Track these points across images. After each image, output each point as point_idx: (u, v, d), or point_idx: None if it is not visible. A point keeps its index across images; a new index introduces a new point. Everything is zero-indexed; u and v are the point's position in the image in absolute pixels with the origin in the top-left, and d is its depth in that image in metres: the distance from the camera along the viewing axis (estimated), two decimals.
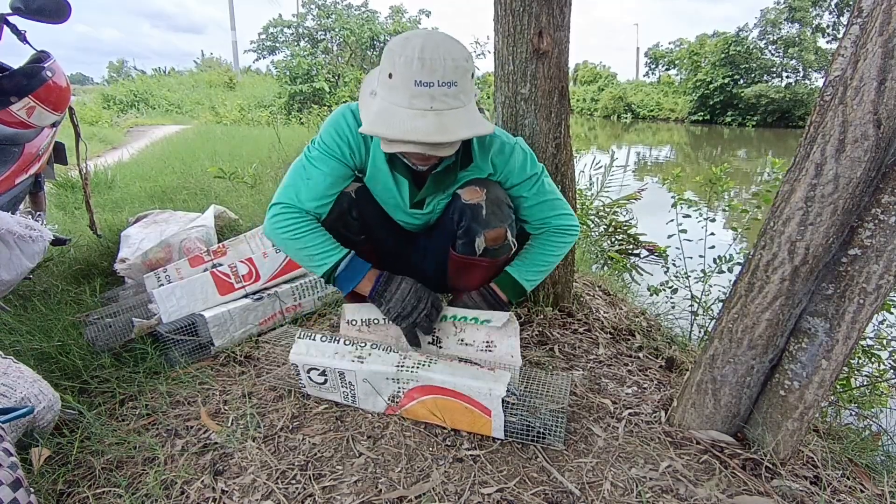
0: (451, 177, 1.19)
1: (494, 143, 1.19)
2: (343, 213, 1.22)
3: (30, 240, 1.49)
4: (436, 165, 1.14)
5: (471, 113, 1.00)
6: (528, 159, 1.21)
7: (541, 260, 1.25)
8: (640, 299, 2.32)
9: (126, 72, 25.92)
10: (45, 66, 1.72)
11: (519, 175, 1.20)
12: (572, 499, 0.92)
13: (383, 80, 0.98)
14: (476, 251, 1.20)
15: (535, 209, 1.24)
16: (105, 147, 7.37)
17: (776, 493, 0.94)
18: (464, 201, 1.17)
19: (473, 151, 1.17)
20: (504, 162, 1.19)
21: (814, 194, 0.87)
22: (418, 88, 0.93)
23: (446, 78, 0.93)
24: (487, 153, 1.19)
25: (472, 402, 1.04)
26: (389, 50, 0.96)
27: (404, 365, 1.10)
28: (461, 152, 1.15)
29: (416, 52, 0.91)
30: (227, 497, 0.91)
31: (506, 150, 1.19)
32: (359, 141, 1.16)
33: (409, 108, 0.94)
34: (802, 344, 0.97)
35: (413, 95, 0.93)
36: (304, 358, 1.14)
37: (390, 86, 0.96)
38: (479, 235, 1.18)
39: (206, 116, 12.35)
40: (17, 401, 0.98)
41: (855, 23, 0.88)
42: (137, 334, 1.40)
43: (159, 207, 2.71)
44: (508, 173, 1.20)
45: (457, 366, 1.10)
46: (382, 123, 0.96)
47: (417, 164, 1.11)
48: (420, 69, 0.91)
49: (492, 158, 1.19)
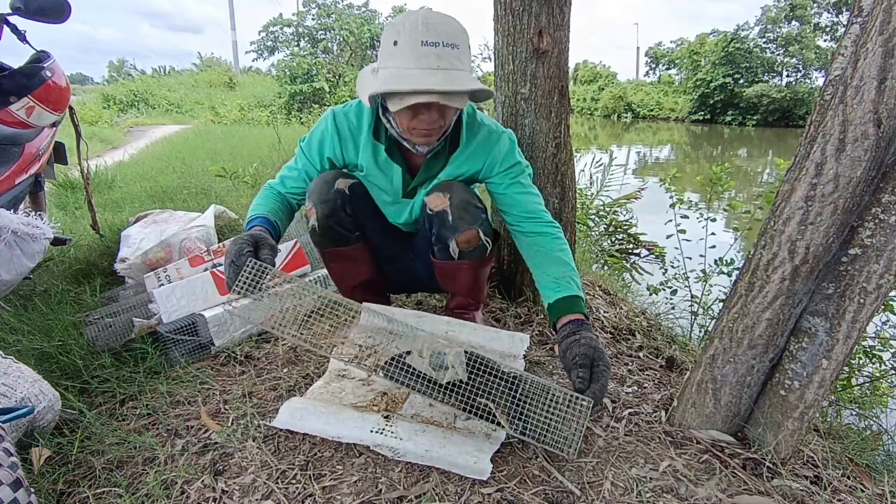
0: (441, 161, 1.21)
1: (482, 130, 1.21)
2: (336, 209, 1.23)
3: (31, 238, 1.49)
4: (430, 151, 1.18)
5: (473, 77, 1.06)
6: (514, 148, 1.23)
7: (569, 269, 1.16)
8: (640, 299, 2.32)
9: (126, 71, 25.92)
10: (44, 65, 1.72)
11: (504, 162, 1.21)
12: (572, 498, 0.92)
13: (388, 51, 1.03)
14: (452, 255, 1.23)
15: (524, 199, 1.22)
16: (105, 147, 7.37)
17: (776, 493, 0.94)
18: (429, 210, 1.20)
19: (461, 136, 1.20)
20: (490, 148, 1.21)
21: (814, 194, 0.87)
22: (425, 48, 0.98)
23: (449, 40, 1.00)
24: (474, 138, 1.21)
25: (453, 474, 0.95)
26: (391, 24, 1.04)
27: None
28: (450, 138, 1.19)
29: (420, 18, 0.99)
30: (228, 497, 0.91)
31: (493, 137, 1.21)
32: (346, 143, 1.23)
33: (418, 67, 0.99)
34: (803, 343, 0.97)
35: (420, 55, 0.98)
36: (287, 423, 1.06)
37: (397, 52, 1.01)
38: (451, 241, 1.20)
39: (206, 116, 12.35)
40: (18, 401, 0.98)
41: (855, 22, 0.88)
42: (138, 334, 1.40)
43: (159, 207, 2.71)
44: (493, 160, 1.21)
45: (438, 434, 1.01)
46: (394, 81, 1.00)
47: (420, 140, 1.12)
48: (425, 31, 0.98)
49: (477, 144, 1.21)
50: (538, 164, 1.52)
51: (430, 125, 1.07)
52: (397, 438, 1.00)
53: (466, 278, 1.30)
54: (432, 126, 1.08)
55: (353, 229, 1.28)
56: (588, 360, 1.00)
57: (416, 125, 1.08)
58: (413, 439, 1.00)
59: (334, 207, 1.22)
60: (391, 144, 1.19)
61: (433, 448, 0.98)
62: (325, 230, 1.26)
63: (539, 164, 1.52)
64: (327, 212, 1.22)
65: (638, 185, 3.96)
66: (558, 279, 1.13)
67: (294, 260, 1.68)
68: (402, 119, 1.08)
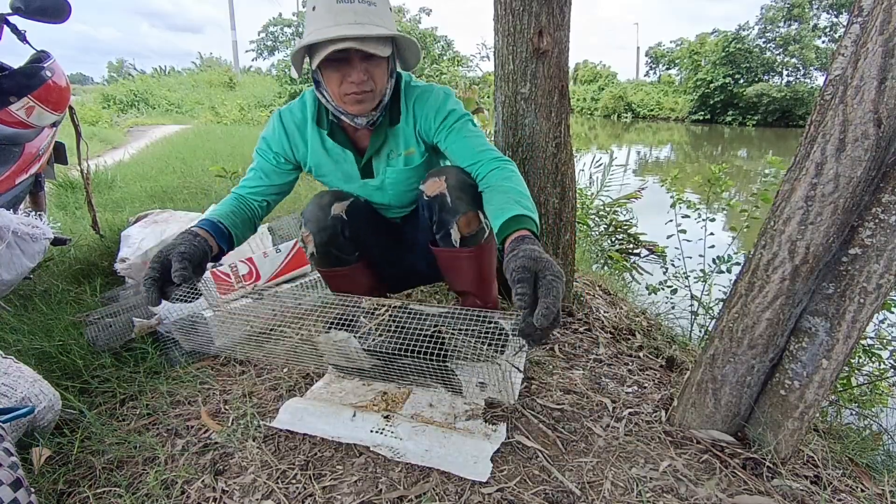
0: (383, 133, 1.20)
1: (416, 91, 1.22)
2: (335, 235, 1.23)
3: (31, 238, 1.49)
4: (372, 125, 1.17)
5: (391, 25, 1.09)
6: (448, 99, 1.20)
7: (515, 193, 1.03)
8: (640, 299, 2.32)
9: (126, 71, 25.90)
10: (44, 65, 1.72)
11: (438, 114, 1.17)
12: (573, 498, 0.92)
13: (309, 18, 1.06)
14: (454, 243, 1.19)
15: (466, 144, 1.15)
16: (105, 147, 7.37)
17: (776, 493, 0.94)
18: (427, 196, 1.18)
19: (401, 106, 1.20)
20: (422, 104, 1.19)
21: (814, 193, 0.87)
22: (341, 5, 1.01)
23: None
24: (411, 102, 1.20)
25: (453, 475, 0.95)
26: None
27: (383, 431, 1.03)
28: (389, 108, 1.19)
29: None
30: (228, 497, 0.91)
31: (425, 94, 1.20)
32: (293, 139, 1.24)
33: (335, 24, 1.01)
34: (803, 343, 0.97)
35: (337, 13, 1.01)
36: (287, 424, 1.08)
37: (316, 16, 1.04)
38: (452, 226, 1.16)
39: (206, 116, 12.35)
40: (18, 400, 0.98)
41: (855, 22, 0.88)
42: (138, 334, 1.40)
43: (160, 207, 2.71)
44: (426, 115, 1.19)
45: (438, 434, 1.02)
46: (313, 36, 1.02)
47: (354, 108, 1.10)
48: None
49: (413, 106, 1.20)
50: (538, 163, 1.52)
51: (360, 86, 1.07)
52: (397, 438, 1.00)
53: (470, 269, 1.27)
54: (362, 88, 1.07)
55: (352, 251, 1.28)
56: (528, 272, 0.81)
57: (346, 90, 1.08)
58: (413, 439, 1.00)
59: (333, 234, 1.22)
60: (333, 128, 1.20)
61: (433, 448, 0.98)
62: (323, 256, 1.26)
63: (539, 163, 1.52)
64: (325, 239, 1.22)
65: (638, 185, 3.96)
66: (502, 206, 0.98)
67: (294, 260, 1.68)
68: (331, 86, 1.09)
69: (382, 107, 1.16)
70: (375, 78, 1.09)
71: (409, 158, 1.24)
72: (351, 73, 1.06)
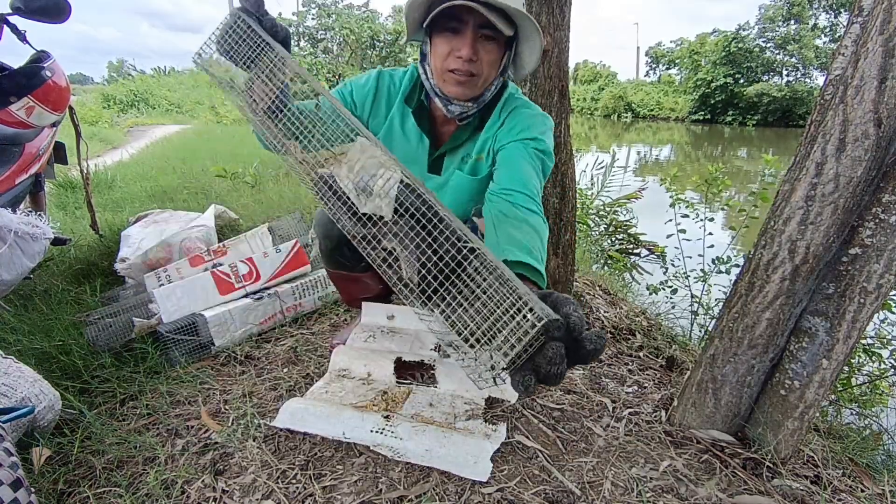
0: (469, 132, 1.13)
1: (517, 104, 1.13)
2: (340, 245, 1.23)
3: (31, 238, 1.49)
4: (462, 119, 1.10)
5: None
6: (543, 127, 1.09)
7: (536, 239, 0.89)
8: (640, 299, 2.32)
9: (126, 71, 25.89)
10: (44, 65, 1.72)
11: (522, 132, 1.07)
12: (573, 498, 0.92)
13: None
14: None
15: (515, 168, 1.02)
16: (105, 147, 7.37)
17: (777, 493, 0.94)
18: (483, 232, 1.12)
19: (494, 112, 1.12)
20: (515, 117, 1.10)
21: (814, 193, 0.87)
22: None
23: None
24: (507, 113, 1.11)
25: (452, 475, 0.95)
26: None
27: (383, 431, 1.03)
28: (483, 114, 1.11)
29: None
30: (228, 497, 0.91)
31: (523, 108, 1.11)
32: (378, 102, 1.16)
33: None
34: (803, 343, 0.97)
35: None
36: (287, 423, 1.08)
37: None
38: None
39: (206, 116, 12.34)
40: (18, 400, 0.98)
41: (855, 21, 0.88)
42: (138, 334, 1.40)
43: (159, 207, 2.71)
44: (512, 127, 1.09)
45: (438, 434, 1.01)
46: None
47: (454, 89, 1.02)
48: None
49: (505, 117, 1.11)
50: None
51: (465, 65, 0.99)
52: (397, 438, 1.00)
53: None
54: (467, 68, 0.99)
55: (358, 261, 1.27)
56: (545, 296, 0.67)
57: (450, 64, 1.00)
58: (413, 439, 1.00)
59: (338, 244, 1.23)
60: (422, 109, 1.13)
61: (433, 448, 0.98)
62: (329, 260, 1.29)
63: None
64: (331, 246, 1.24)
65: (638, 186, 3.96)
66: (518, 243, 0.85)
67: (294, 260, 1.68)
68: (436, 58, 1.01)
69: (480, 102, 1.08)
70: (484, 62, 1.01)
71: (478, 166, 1.15)
72: (462, 47, 0.98)
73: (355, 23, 13.39)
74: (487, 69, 1.02)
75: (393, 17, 14.33)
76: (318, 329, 1.57)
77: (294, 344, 1.46)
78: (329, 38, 14.49)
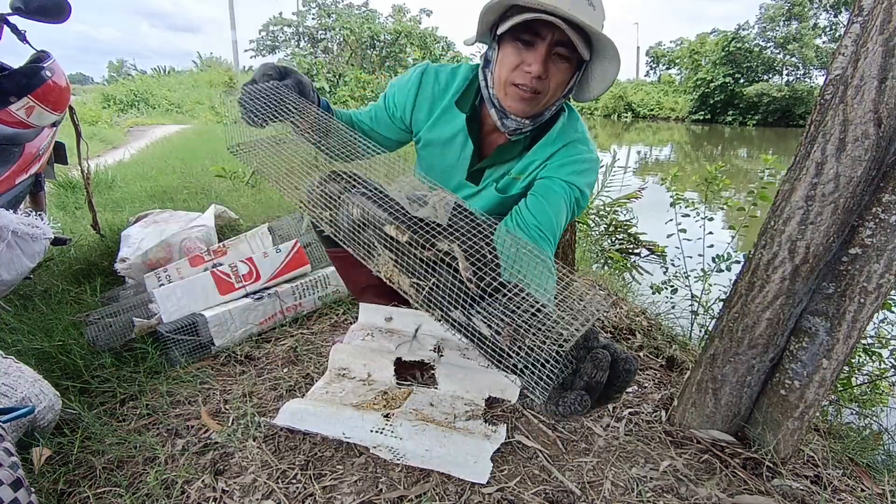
0: (517, 150, 1.08)
1: (573, 136, 1.07)
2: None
3: (31, 238, 1.49)
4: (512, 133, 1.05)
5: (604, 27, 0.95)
6: (589, 171, 1.06)
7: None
8: (640, 298, 2.32)
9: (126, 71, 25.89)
10: (44, 65, 1.72)
11: (563, 168, 1.04)
12: (573, 498, 0.92)
13: None
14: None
15: (537, 207, 1.02)
16: (105, 147, 7.36)
17: (777, 493, 0.94)
18: None
19: (550, 136, 1.07)
20: (565, 153, 1.06)
21: (814, 193, 0.87)
22: None
23: None
24: (559, 140, 1.06)
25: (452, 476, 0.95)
26: None
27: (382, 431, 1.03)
28: (535, 135, 1.07)
29: None
30: (228, 497, 0.91)
31: (577, 145, 1.06)
32: (421, 98, 1.11)
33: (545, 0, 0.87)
34: (803, 343, 0.97)
35: None
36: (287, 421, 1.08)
37: None
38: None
39: (206, 116, 12.34)
40: (18, 400, 0.98)
41: (855, 21, 0.88)
42: (138, 334, 1.40)
43: (159, 207, 2.71)
44: (557, 161, 1.06)
45: (438, 434, 1.01)
46: None
47: (515, 105, 0.97)
48: None
49: (558, 149, 1.06)
50: None
51: (533, 82, 0.94)
52: (397, 438, 1.00)
53: None
54: (533, 85, 0.94)
55: None
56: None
57: (516, 78, 0.95)
58: (413, 439, 1.00)
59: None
60: (473, 115, 1.07)
61: (433, 448, 0.98)
62: (320, 232, 1.26)
63: None
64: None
65: (638, 185, 3.96)
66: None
67: (294, 260, 1.68)
68: (502, 68, 0.96)
69: (538, 121, 1.03)
70: (553, 81, 0.95)
71: (512, 184, 1.12)
72: (533, 63, 0.92)
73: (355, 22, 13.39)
74: (554, 89, 0.97)
75: (393, 16, 14.32)
76: (318, 329, 1.57)
77: (294, 344, 1.46)
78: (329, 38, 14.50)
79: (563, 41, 0.91)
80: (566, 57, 0.94)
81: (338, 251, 1.32)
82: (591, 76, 1.01)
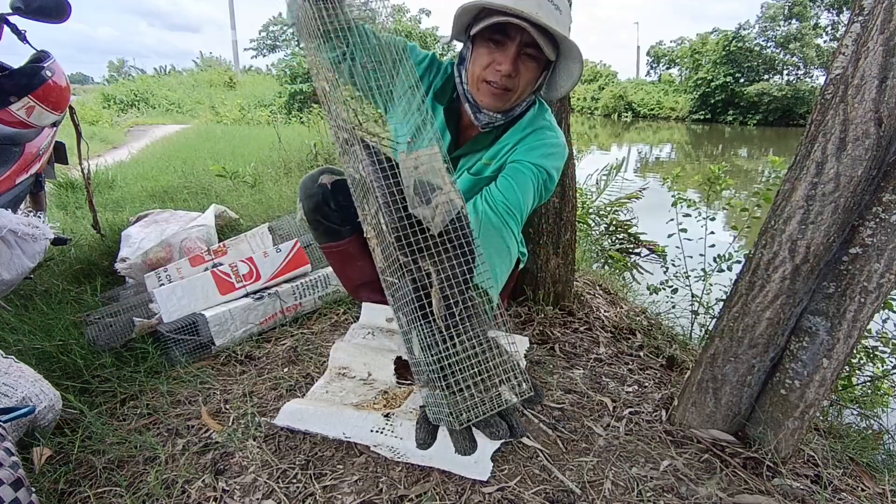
0: (490, 139, 1.14)
1: (542, 123, 1.13)
2: (319, 204, 1.24)
3: (31, 238, 1.49)
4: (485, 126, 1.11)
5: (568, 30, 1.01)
6: (556, 154, 1.11)
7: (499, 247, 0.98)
8: (640, 298, 2.32)
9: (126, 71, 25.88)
10: (44, 65, 1.72)
11: (530, 153, 1.08)
12: (573, 498, 0.92)
13: None
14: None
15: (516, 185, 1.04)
16: (105, 147, 7.37)
17: (777, 492, 0.94)
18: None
19: (519, 125, 1.13)
20: (534, 139, 1.11)
21: (815, 193, 0.87)
22: None
23: None
24: (528, 129, 1.12)
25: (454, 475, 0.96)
26: None
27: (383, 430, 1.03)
28: (507, 124, 1.12)
29: None
30: (228, 496, 0.91)
31: (544, 132, 1.11)
32: (423, 78, 1.16)
33: (515, 4, 0.94)
34: (803, 343, 0.97)
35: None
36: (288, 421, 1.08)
37: None
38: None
39: (206, 116, 12.34)
40: (19, 400, 0.98)
41: (856, 21, 0.88)
42: (138, 334, 1.40)
43: (160, 207, 2.72)
44: (526, 146, 1.11)
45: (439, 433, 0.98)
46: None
47: (487, 100, 1.04)
48: None
49: (527, 135, 1.12)
50: None
51: (503, 79, 1.01)
52: (397, 438, 1.00)
53: None
54: (504, 83, 1.01)
55: (342, 223, 1.27)
56: None
57: (488, 75, 1.02)
58: (413, 439, 1.00)
59: (318, 202, 1.23)
60: (451, 107, 1.15)
61: (433, 447, 0.98)
62: (313, 224, 1.28)
63: None
64: (311, 206, 1.24)
65: (639, 185, 3.96)
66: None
67: (294, 260, 1.68)
68: (475, 66, 1.03)
69: (509, 115, 1.10)
70: (522, 79, 1.03)
71: (483, 168, 1.17)
72: (503, 62, 0.99)
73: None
74: (523, 86, 1.04)
75: (392, 16, 14.33)
76: (319, 329, 1.57)
77: (294, 344, 1.46)
78: None
79: (531, 42, 0.98)
80: (534, 56, 1.01)
81: (332, 247, 1.32)
82: (558, 76, 1.10)
